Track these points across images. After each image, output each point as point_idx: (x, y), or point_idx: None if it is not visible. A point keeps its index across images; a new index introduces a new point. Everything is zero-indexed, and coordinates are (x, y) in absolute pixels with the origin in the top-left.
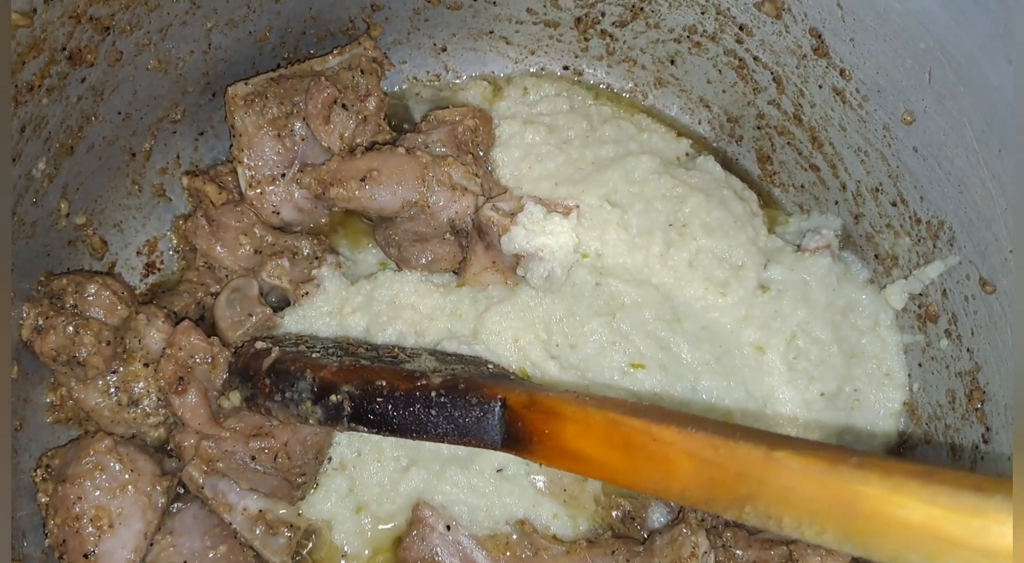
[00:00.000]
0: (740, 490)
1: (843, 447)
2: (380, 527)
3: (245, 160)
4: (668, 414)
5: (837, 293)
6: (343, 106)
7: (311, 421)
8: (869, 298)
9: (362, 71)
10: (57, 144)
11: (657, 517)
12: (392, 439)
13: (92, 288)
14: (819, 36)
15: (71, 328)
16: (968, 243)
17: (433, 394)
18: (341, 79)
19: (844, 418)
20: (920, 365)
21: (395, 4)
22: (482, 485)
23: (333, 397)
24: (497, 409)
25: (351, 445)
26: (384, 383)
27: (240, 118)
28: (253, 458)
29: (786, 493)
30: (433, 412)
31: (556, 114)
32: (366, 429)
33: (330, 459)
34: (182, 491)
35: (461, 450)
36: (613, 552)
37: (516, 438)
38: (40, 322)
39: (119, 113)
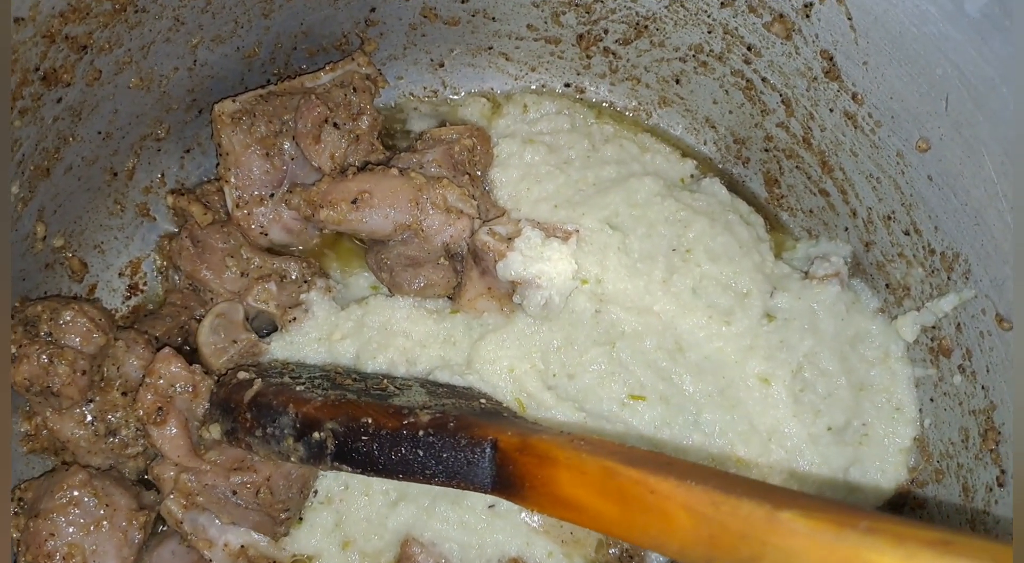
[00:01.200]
0: (742, 551)
1: (853, 507)
2: None
3: (232, 179)
4: (667, 463)
5: (846, 323)
6: (334, 125)
7: (293, 458)
8: (879, 328)
9: (355, 89)
10: (32, 166)
11: (656, 557)
12: None
13: (68, 315)
14: (831, 59)
15: (45, 357)
16: (984, 277)
17: (421, 433)
18: (333, 97)
19: (852, 453)
20: (932, 400)
21: (390, 19)
22: (474, 521)
23: (316, 434)
24: (488, 451)
25: (337, 478)
26: (370, 420)
27: (227, 136)
28: (234, 492)
29: (791, 557)
30: (420, 452)
31: (556, 133)
32: (350, 468)
33: (315, 492)
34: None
35: None
36: None
37: (507, 482)
38: (13, 351)
39: (99, 133)
